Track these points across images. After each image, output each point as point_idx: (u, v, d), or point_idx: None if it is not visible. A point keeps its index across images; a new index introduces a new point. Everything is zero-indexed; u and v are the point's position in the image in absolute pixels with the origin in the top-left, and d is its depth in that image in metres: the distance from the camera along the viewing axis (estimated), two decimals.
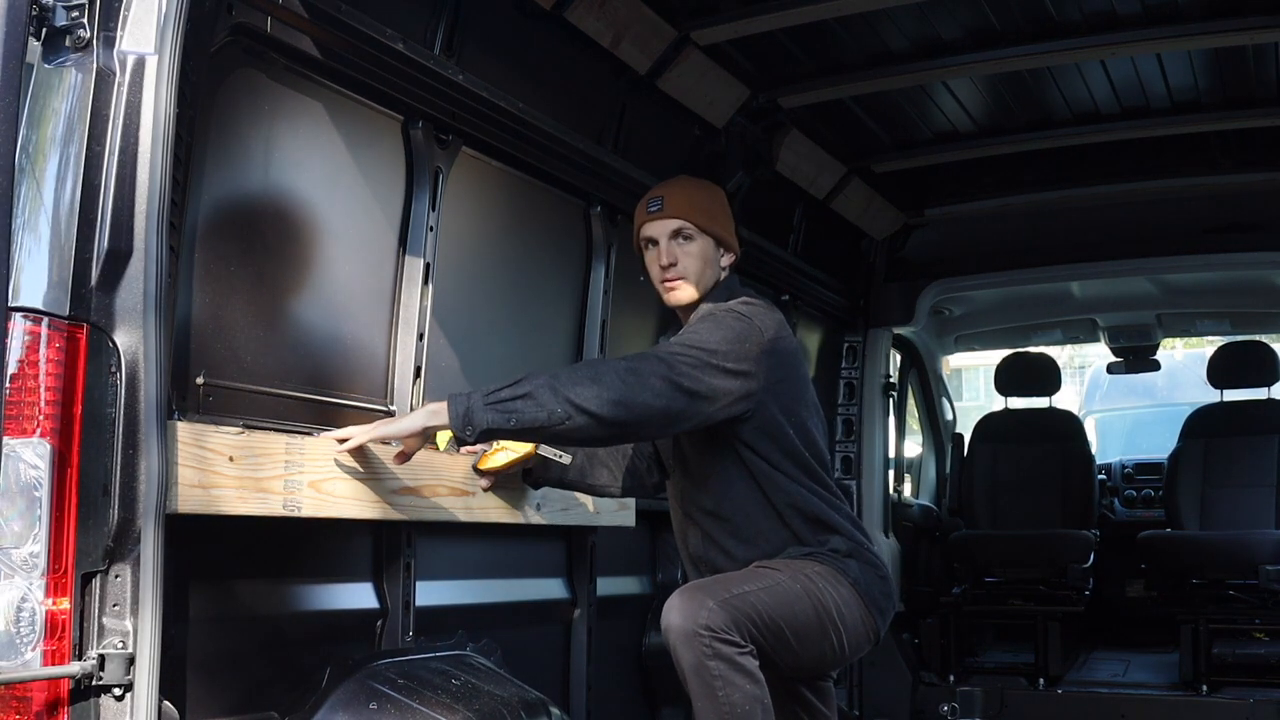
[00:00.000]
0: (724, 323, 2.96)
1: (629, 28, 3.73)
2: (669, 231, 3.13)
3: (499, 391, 2.69)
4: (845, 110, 4.81)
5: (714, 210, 3.19)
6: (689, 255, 3.13)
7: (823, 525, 3.06)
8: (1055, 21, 4.06)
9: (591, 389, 2.69)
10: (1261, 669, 5.42)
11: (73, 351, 2.06)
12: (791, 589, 2.91)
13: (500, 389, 2.70)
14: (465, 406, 2.68)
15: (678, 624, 2.75)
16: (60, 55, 2.11)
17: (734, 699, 2.73)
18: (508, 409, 2.68)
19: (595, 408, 2.69)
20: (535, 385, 2.69)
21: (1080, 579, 6.15)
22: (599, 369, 2.79)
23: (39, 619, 2.00)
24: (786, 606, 2.88)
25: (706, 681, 2.73)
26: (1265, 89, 4.58)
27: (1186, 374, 8.73)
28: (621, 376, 2.74)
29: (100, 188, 2.10)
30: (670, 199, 3.15)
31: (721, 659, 2.72)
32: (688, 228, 3.12)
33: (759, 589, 2.86)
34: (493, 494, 3.23)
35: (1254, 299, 6.64)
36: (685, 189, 3.21)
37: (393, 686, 2.69)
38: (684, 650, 2.73)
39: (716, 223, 3.17)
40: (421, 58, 3.03)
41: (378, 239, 3.12)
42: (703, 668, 2.72)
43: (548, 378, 2.72)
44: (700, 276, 3.13)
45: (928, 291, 6.01)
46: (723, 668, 2.73)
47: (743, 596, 2.82)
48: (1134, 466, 7.93)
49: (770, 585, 2.89)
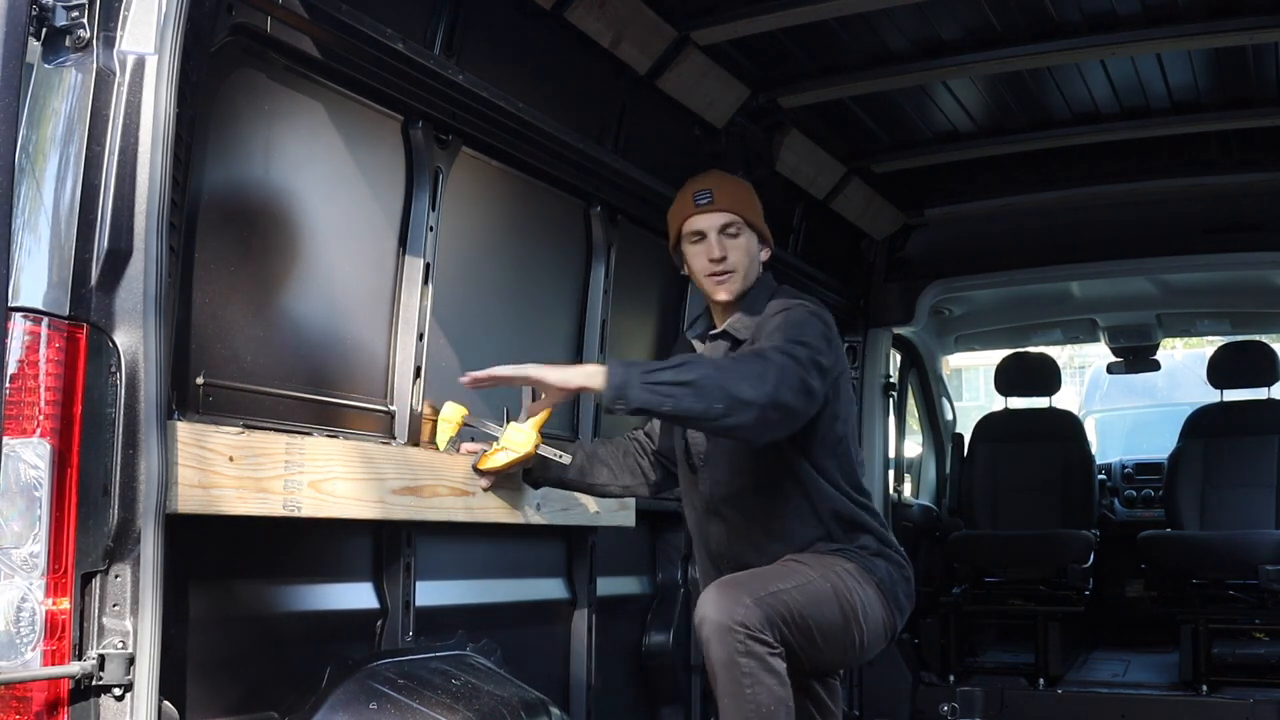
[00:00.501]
0: (810, 321, 2.95)
1: (629, 28, 3.73)
2: (719, 225, 3.11)
3: (660, 372, 2.69)
4: (845, 110, 4.81)
5: (756, 206, 3.20)
6: (737, 250, 3.12)
7: (854, 525, 3.08)
8: (1055, 21, 4.06)
9: (751, 387, 2.70)
10: (1261, 669, 5.42)
11: (73, 351, 2.06)
12: (822, 588, 2.92)
13: (662, 369, 2.70)
14: (623, 379, 2.67)
15: (713, 618, 2.75)
16: (60, 55, 2.11)
17: (760, 698, 2.74)
18: (666, 393, 2.68)
19: (753, 409, 2.70)
20: (699, 374, 2.69)
21: (1080, 579, 6.15)
22: (755, 367, 2.76)
23: (39, 619, 2.00)
24: (816, 606, 2.89)
25: (736, 678, 2.73)
26: (1265, 89, 4.58)
27: (1186, 374, 8.72)
28: (775, 376, 2.74)
29: (100, 188, 2.10)
30: (719, 192, 3.13)
31: (753, 657, 2.73)
32: (736, 222, 3.12)
33: (792, 587, 2.87)
34: (493, 494, 3.23)
35: (1254, 299, 6.65)
36: (729, 183, 3.20)
37: (393, 686, 2.69)
38: (717, 645, 2.74)
39: (758, 217, 3.18)
40: (421, 58, 3.03)
41: (378, 239, 3.12)
42: (734, 664, 2.73)
43: (710, 368, 2.73)
44: (747, 271, 3.13)
45: (928, 291, 6.01)
46: (753, 666, 2.73)
47: (777, 595, 2.82)
48: (1134, 466, 7.92)
49: (803, 584, 2.90)
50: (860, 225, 5.71)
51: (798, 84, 4.50)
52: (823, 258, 5.52)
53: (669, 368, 2.71)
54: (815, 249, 5.43)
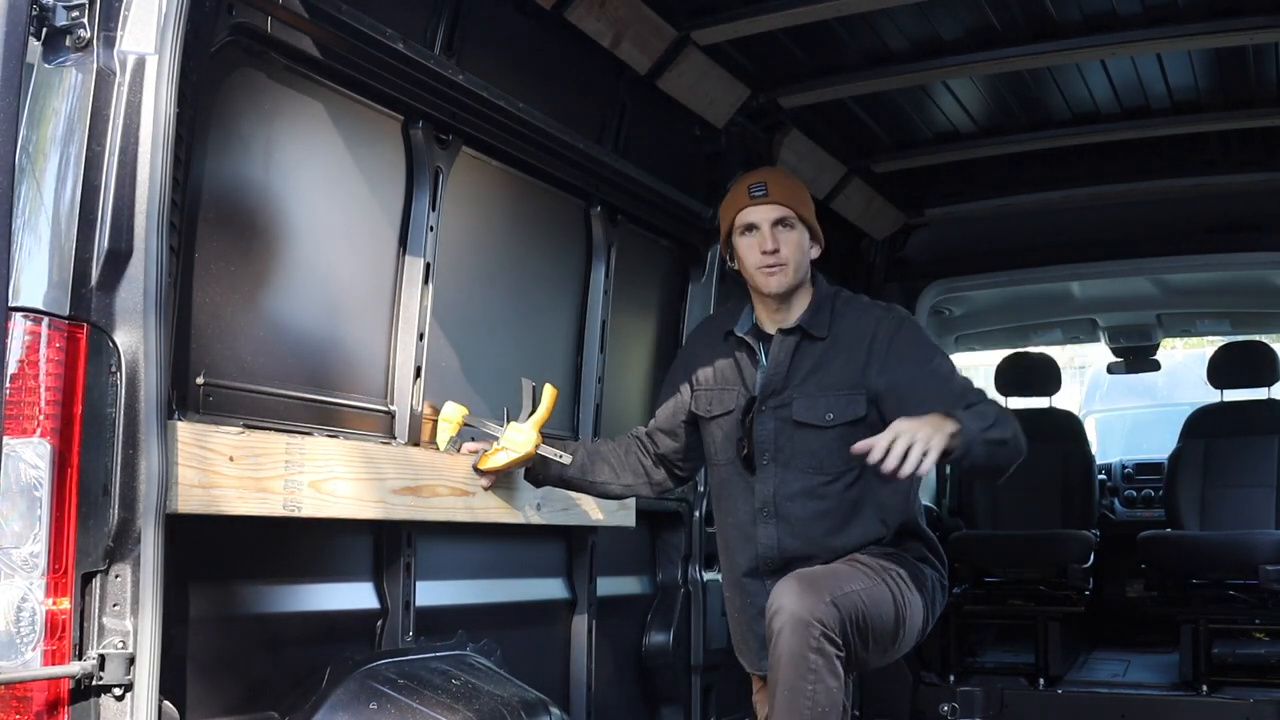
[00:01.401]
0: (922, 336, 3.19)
1: (629, 28, 3.73)
2: (773, 218, 3.15)
3: (992, 430, 2.83)
4: (845, 110, 4.81)
5: (809, 202, 3.25)
6: (790, 243, 3.16)
7: (910, 532, 3.13)
8: (1055, 21, 4.06)
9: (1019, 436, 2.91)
10: (1261, 669, 5.42)
11: (73, 351, 2.06)
12: (884, 593, 2.96)
13: (991, 427, 2.84)
14: (970, 439, 2.77)
15: (792, 608, 2.77)
16: (60, 55, 2.11)
17: (819, 697, 2.76)
18: (997, 454, 2.86)
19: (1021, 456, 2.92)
20: (1012, 432, 2.89)
21: (1080, 579, 6.15)
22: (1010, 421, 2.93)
23: (39, 619, 2.00)
24: (878, 609, 2.92)
25: (802, 673, 2.75)
26: (1265, 89, 4.58)
27: (1186, 374, 8.72)
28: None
29: (100, 188, 2.11)
30: (773, 186, 3.17)
31: (823, 655, 2.76)
32: (790, 216, 3.16)
33: (863, 590, 2.90)
34: (493, 494, 3.23)
35: (1254, 299, 6.65)
36: (784, 178, 3.28)
37: (393, 686, 2.70)
38: (791, 636, 2.75)
39: (811, 214, 3.23)
40: (421, 58, 3.03)
41: (378, 239, 3.11)
42: (804, 658, 2.75)
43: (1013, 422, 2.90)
44: (799, 265, 3.18)
45: (928, 291, 6.01)
46: (821, 664, 2.76)
47: (850, 597, 2.85)
48: (1134, 466, 7.92)
49: (869, 587, 2.93)
50: (860, 225, 5.71)
51: (798, 84, 4.50)
52: (823, 258, 5.50)
53: (994, 425, 2.85)
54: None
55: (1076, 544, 6.22)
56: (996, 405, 3.00)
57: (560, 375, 3.82)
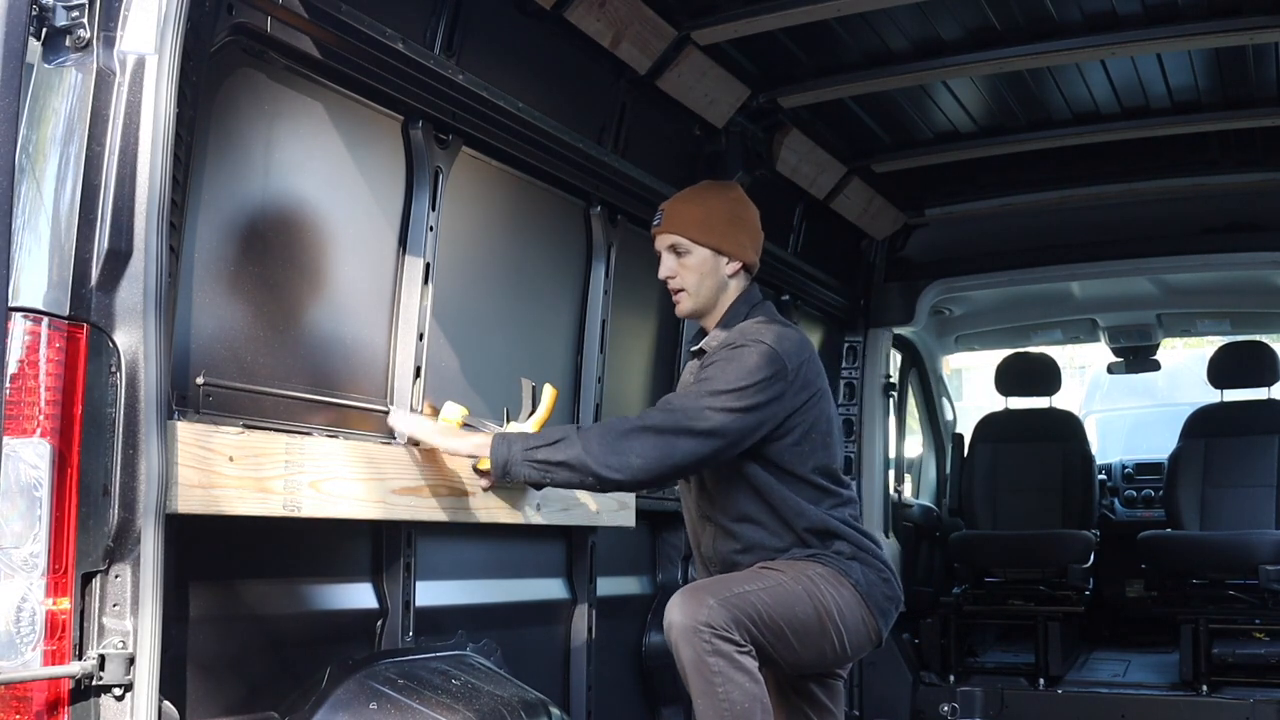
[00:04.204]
0: (742, 358, 3.00)
1: (629, 28, 3.73)
2: (666, 245, 3.21)
3: (538, 450, 2.88)
4: (845, 110, 4.81)
5: (712, 221, 3.19)
6: (685, 268, 3.19)
7: (828, 533, 3.11)
8: (1055, 21, 4.06)
9: (624, 458, 2.88)
10: (1261, 669, 5.42)
11: (73, 351, 2.06)
12: (793, 589, 2.96)
13: (540, 447, 2.88)
14: (506, 457, 2.89)
15: (679, 620, 2.81)
16: (60, 55, 2.11)
17: (733, 696, 2.78)
18: (545, 469, 2.89)
19: (626, 476, 2.89)
20: (572, 454, 2.86)
21: (1080, 579, 6.15)
22: (632, 438, 2.89)
23: (39, 619, 2.00)
24: (787, 606, 2.93)
25: (706, 678, 2.78)
26: (1265, 89, 4.57)
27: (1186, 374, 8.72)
28: (652, 443, 2.90)
29: (100, 188, 2.11)
30: (669, 213, 3.22)
31: (721, 656, 2.78)
32: (682, 242, 3.19)
33: (760, 589, 2.92)
34: (493, 494, 3.23)
35: (1254, 299, 6.64)
36: (687, 201, 3.25)
37: (393, 686, 2.70)
38: (684, 646, 2.79)
39: (715, 233, 3.18)
40: (421, 58, 3.03)
41: (378, 239, 3.11)
42: (702, 664, 2.77)
43: (582, 445, 2.86)
44: (699, 288, 3.18)
45: (928, 291, 6.01)
46: (722, 664, 2.78)
47: (743, 596, 2.87)
48: (1134, 466, 7.92)
49: (771, 585, 2.94)
50: (860, 225, 5.71)
51: (798, 84, 4.50)
52: (823, 258, 5.52)
53: (547, 444, 2.90)
54: (815, 249, 5.42)
55: (1076, 544, 6.22)
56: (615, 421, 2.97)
57: (560, 375, 3.82)
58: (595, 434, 2.92)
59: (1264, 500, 6.15)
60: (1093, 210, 5.64)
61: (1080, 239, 5.69)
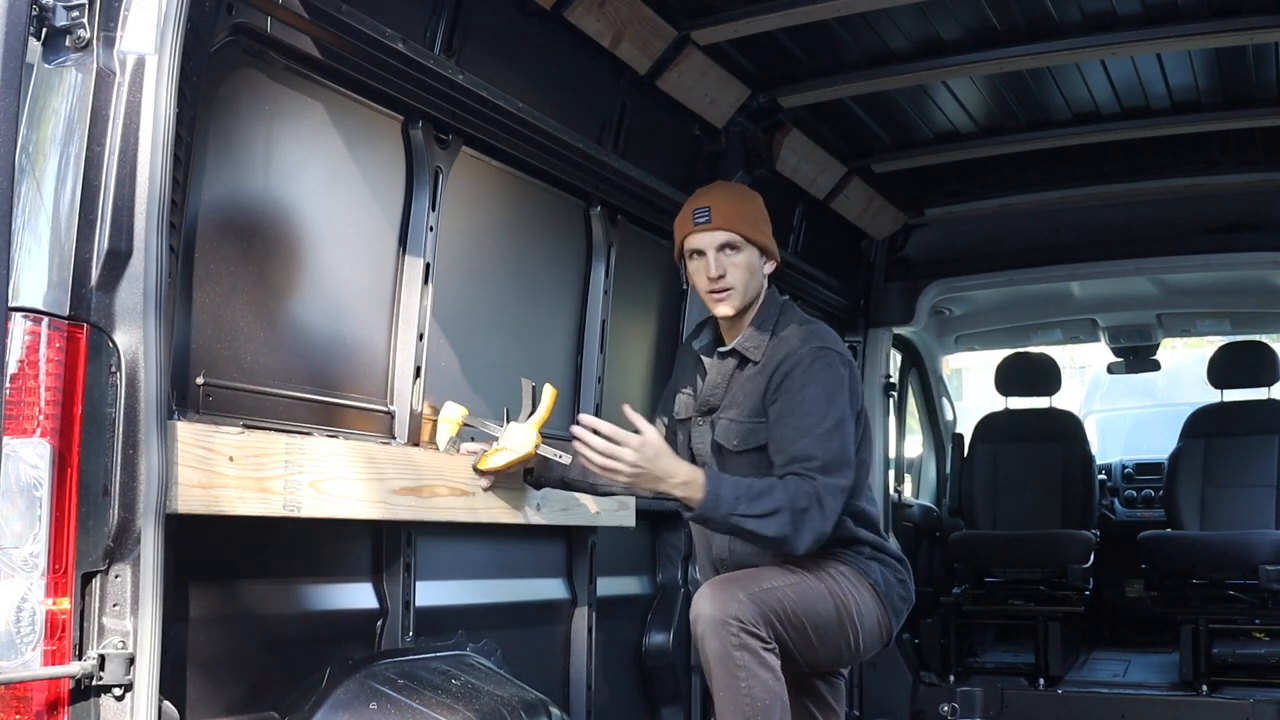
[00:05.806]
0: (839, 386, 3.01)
1: (629, 28, 3.73)
2: (717, 244, 3.11)
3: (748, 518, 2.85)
4: (845, 110, 4.81)
5: (757, 219, 3.19)
6: (736, 267, 3.12)
7: (849, 537, 3.11)
8: (1055, 21, 4.06)
9: (810, 536, 2.86)
10: (1261, 669, 5.42)
11: (73, 351, 2.06)
12: (816, 587, 2.99)
13: (751, 516, 2.84)
14: (713, 513, 2.86)
15: (708, 612, 2.82)
16: (60, 55, 2.11)
17: (755, 692, 2.80)
18: (742, 531, 2.88)
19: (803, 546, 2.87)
20: (778, 527, 2.84)
21: (1080, 579, 6.16)
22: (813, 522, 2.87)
23: (39, 619, 2.00)
24: (810, 604, 2.95)
25: (731, 671, 2.80)
26: (1265, 89, 4.57)
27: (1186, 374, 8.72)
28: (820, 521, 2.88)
29: (100, 188, 2.11)
30: (717, 209, 3.12)
31: (748, 650, 2.80)
32: (735, 239, 3.11)
33: (786, 585, 2.94)
34: (493, 494, 3.23)
35: (1254, 299, 6.64)
36: (730, 199, 3.20)
37: (393, 686, 2.70)
38: (712, 638, 2.80)
39: (760, 232, 3.17)
40: (421, 58, 3.03)
41: (378, 239, 3.11)
42: (729, 657, 2.79)
43: (791, 517, 2.84)
44: (746, 288, 3.14)
45: (928, 291, 6.01)
46: (748, 659, 2.80)
47: (771, 592, 2.89)
48: (1134, 466, 7.91)
49: (796, 582, 2.96)
50: (860, 225, 5.71)
51: (798, 84, 4.50)
52: (823, 258, 5.52)
53: (757, 516, 2.84)
54: (815, 249, 5.42)
55: (1076, 544, 6.22)
56: (804, 489, 2.88)
57: (560, 375, 3.82)
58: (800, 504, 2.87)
59: (1264, 500, 6.15)
60: (1093, 210, 5.64)
61: (1080, 239, 5.69)
